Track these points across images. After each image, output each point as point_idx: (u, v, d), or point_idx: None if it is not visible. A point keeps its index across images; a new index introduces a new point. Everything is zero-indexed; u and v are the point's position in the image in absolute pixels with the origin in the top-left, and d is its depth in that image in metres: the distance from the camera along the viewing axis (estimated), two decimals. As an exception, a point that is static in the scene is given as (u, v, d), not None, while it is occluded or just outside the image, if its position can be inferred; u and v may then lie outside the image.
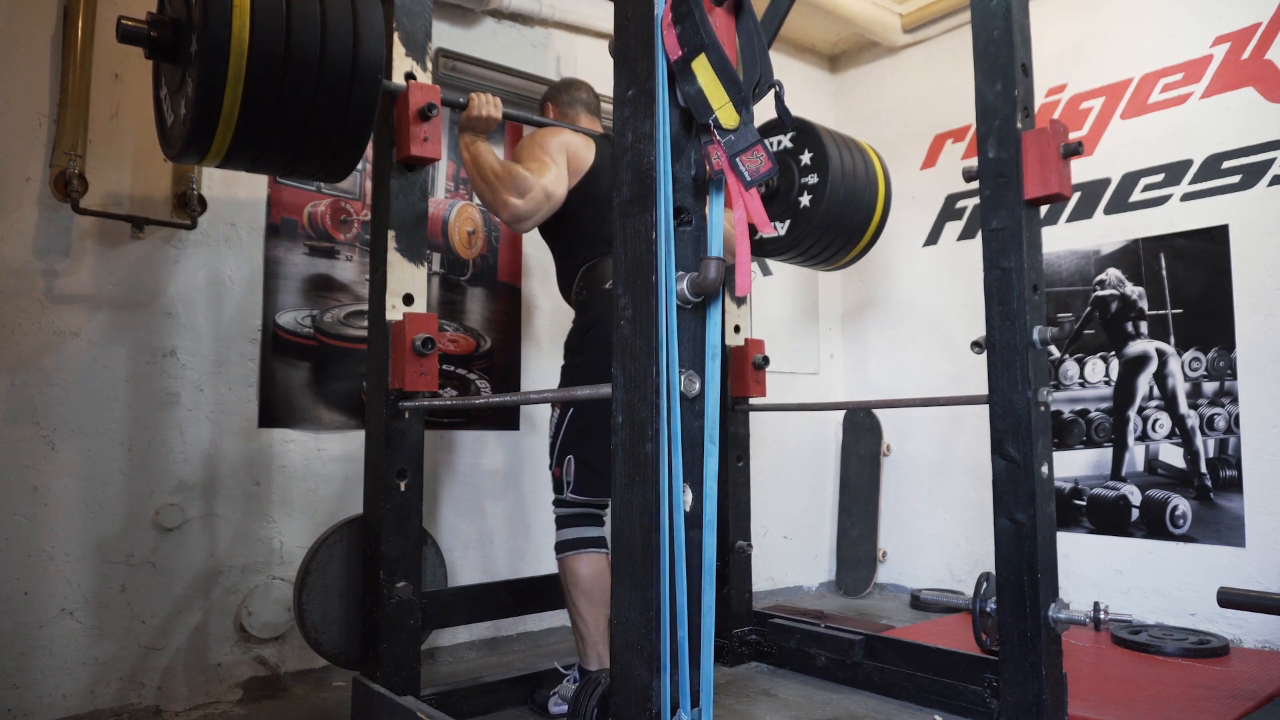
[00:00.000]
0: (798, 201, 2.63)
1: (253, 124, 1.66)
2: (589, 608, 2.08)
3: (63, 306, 2.17)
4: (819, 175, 2.58)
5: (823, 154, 2.58)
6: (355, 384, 2.63)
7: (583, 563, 2.09)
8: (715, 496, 1.20)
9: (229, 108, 1.61)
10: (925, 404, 2.39)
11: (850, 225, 2.66)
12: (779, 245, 2.71)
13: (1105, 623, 1.70)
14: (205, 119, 1.62)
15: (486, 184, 2.08)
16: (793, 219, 2.65)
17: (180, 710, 2.27)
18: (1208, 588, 2.90)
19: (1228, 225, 2.97)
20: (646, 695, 1.14)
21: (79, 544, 2.16)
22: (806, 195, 2.61)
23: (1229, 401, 2.94)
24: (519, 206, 2.06)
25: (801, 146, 2.65)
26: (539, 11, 3.09)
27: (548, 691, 2.20)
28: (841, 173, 2.58)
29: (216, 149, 1.69)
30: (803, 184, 2.63)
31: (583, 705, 1.91)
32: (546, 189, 2.08)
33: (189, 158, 1.73)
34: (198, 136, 1.64)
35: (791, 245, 2.68)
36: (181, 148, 1.69)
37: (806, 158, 2.62)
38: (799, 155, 2.65)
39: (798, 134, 2.67)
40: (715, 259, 1.16)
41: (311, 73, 1.66)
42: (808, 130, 2.64)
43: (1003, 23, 1.86)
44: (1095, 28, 3.38)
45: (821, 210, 2.57)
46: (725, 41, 1.19)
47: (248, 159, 1.76)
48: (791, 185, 2.65)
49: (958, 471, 3.70)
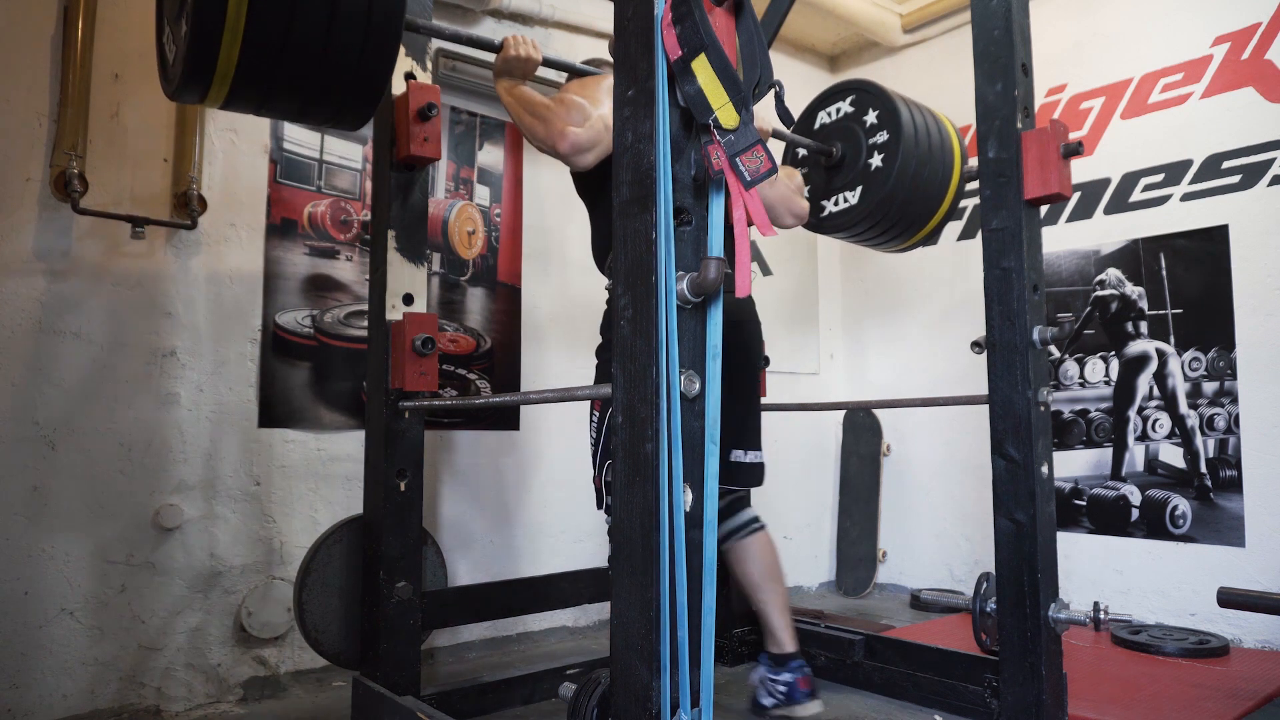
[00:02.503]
0: (868, 164, 2.45)
1: (258, 52, 1.48)
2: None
3: (63, 306, 2.17)
4: (889, 131, 2.41)
5: (891, 108, 2.41)
6: (355, 384, 2.63)
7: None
8: (715, 496, 1.20)
9: (232, 24, 1.43)
10: (925, 404, 2.39)
11: (928, 185, 2.44)
12: (850, 217, 2.51)
13: (1105, 623, 1.70)
14: (204, 43, 1.44)
15: (538, 118, 1.89)
16: (864, 184, 2.47)
17: (180, 710, 2.27)
18: (1208, 588, 2.90)
19: (1228, 225, 2.97)
20: (646, 695, 1.14)
21: (79, 544, 2.16)
22: (878, 155, 2.43)
23: (1229, 401, 2.94)
24: (579, 135, 1.86)
25: (864, 107, 2.49)
26: (539, 11, 3.09)
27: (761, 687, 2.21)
28: (914, 124, 2.40)
29: (219, 82, 1.51)
30: (870, 144, 2.45)
31: (582, 705, 1.91)
32: (605, 120, 1.89)
33: (189, 93, 1.56)
34: (197, 65, 1.47)
35: (865, 216, 2.46)
36: (180, 81, 1.53)
37: (872, 117, 2.46)
38: (862, 117, 2.49)
39: (857, 95, 2.52)
40: (715, 259, 1.16)
41: (324, 11, 1.50)
42: (867, 89, 2.50)
43: (1003, 23, 1.86)
44: (1095, 28, 3.38)
45: (897, 166, 2.35)
46: (725, 41, 1.19)
47: (254, 96, 1.58)
48: (858, 150, 2.48)
49: (958, 471, 3.70)
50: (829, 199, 2.60)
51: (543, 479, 3.08)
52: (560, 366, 3.17)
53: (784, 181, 2.29)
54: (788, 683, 2.08)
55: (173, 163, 2.34)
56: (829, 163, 2.58)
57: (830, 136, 2.62)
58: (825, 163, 2.60)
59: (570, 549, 3.12)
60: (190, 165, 2.32)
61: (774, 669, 2.11)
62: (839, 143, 2.57)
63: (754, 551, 2.14)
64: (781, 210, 2.29)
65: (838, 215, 2.54)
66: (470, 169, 2.98)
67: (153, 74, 2.32)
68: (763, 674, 2.15)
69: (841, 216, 2.53)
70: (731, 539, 2.16)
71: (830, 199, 2.60)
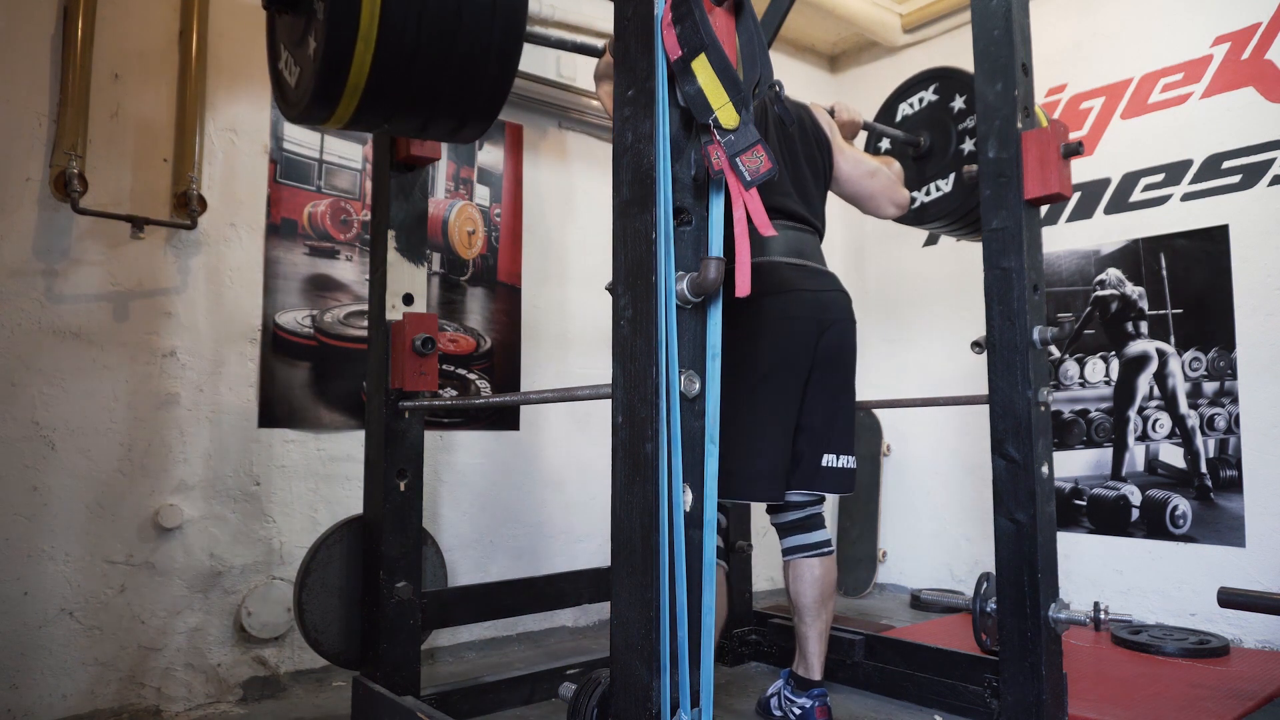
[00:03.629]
0: (960, 151, 2.39)
1: (389, 64, 1.45)
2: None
3: (63, 306, 2.17)
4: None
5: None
6: (355, 384, 2.63)
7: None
8: (715, 496, 1.20)
9: (365, 34, 1.40)
10: (925, 404, 2.39)
11: None
12: (943, 207, 2.44)
13: (1105, 623, 1.69)
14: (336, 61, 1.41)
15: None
16: (957, 171, 2.41)
17: (180, 710, 2.27)
18: (1208, 588, 2.90)
19: (1228, 225, 2.97)
20: (646, 695, 1.14)
21: (79, 544, 2.16)
22: (969, 140, 2.36)
23: (1229, 401, 2.94)
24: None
25: (950, 93, 2.44)
26: (539, 11, 3.09)
27: (766, 695, 2.20)
28: None
29: (347, 99, 1.48)
30: (961, 130, 2.38)
31: (582, 705, 1.91)
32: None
33: (316, 115, 1.53)
34: (327, 84, 1.44)
35: (960, 204, 2.39)
36: (308, 103, 1.50)
37: (959, 102, 2.40)
38: (949, 104, 2.43)
39: (941, 82, 2.46)
40: (715, 259, 1.16)
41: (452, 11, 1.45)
42: (950, 75, 2.44)
43: (1003, 23, 1.86)
44: (1095, 28, 3.38)
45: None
46: (725, 41, 1.19)
47: (380, 114, 1.55)
48: (948, 138, 2.43)
49: (958, 471, 3.70)
50: (920, 189, 2.55)
51: (543, 479, 3.08)
52: (560, 366, 3.17)
53: (884, 171, 2.25)
54: (805, 708, 2.04)
55: (173, 163, 2.34)
56: (917, 153, 2.53)
57: (916, 128, 2.56)
58: (913, 153, 2.55)
59: (570, 549, 3.12)
60: (190, 165, 2.32)
61: (796, 690, 2.08)
62: (926, 132, 2.52)
63: (817, 574, 2.05)
64: (884, 200, 2.24)
65: (932, 205, 2.48)
66: (470, 169, 2.98)
67: (153, 74, 2.33)
68: (782, 688, 2.13)
69: (936, 206, 2.48)
70: (798, 555, 2.07)
71: (922, 189, 2.54)
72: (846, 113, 2.39)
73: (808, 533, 2.08)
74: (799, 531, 2.08)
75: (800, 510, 2.09)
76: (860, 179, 2.23)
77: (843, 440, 2.10)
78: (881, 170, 2.25)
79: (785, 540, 2.10)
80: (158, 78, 2.34)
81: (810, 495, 2.09)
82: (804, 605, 2.06)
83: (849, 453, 2.10)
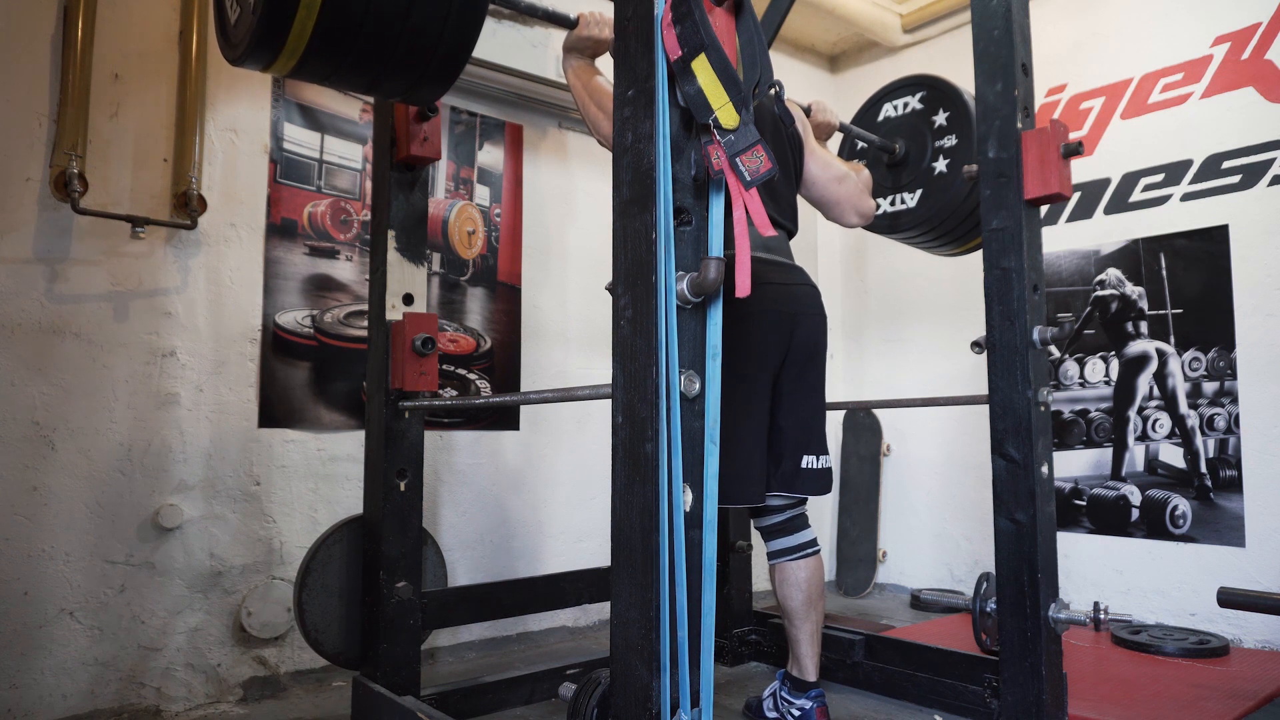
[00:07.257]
0: (931, 168, 2.37)
1: (331, 38, 1.39)
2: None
3: (63, 306, 2.17)
4: (958, 136, 2.31)
5: (963, 112, 2.29)
6: (355, 384, 2.63)
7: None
8: (715, 496, 1.20)
9: (304, 16, 1.33)
10: (925, 404, 2.39)
11: None
12: (904, 220, 2.41)
13: (1105, 623, 1.69)
14: (273, 24, 1.34)
15: (605, 113, 1.88)
16: (924, 188, 2.38)
17: (180, 710, 2.27)
18: (1208, 588, 2.90)
19: (1228, 225, 2.97)
20: (646, 695, 1.14)
21: (79, 544, 2.16)
22: (943, 160, 2.34)
23: (1229, 401, 2.94)
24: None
25: (934, 106, 2.39)
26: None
27: (758, 696, 2.18)
28: None
29: (292, 46, 1.39)
30: (937, 147, 2.36)
31: (582, 705, 1.91)
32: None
33: (256, 58, 1.44)
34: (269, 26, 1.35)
35: (923, 220, 2.38)
36: (247, 46, 1.41)
37: (941, 118, 2.37)
38: (931, 117, 2.39)
39: (928, 92, 2.42)
40: (715, 259, 1.16)
41: None
42: (940, 87, 2.39)
43: (1003, 23, 1.86)
44: (1095, 28, 3.38)
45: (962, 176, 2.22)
46: (725, 41, 1.19)
47: (327, 63, 1.46)
48: (923, 150, 2.39)
49: (958, 471, 3.70)
50: (884, 198, 2.50)
51: (542, 479, 3.08)
52: (560, 366, 3.17)
53: (853, 177, 2.18)
54: (804, 709, 2.01)
55: (173, 163, 2.34)
56: (890, 160, 2.48)
57: (895, 132, 2.51)
58: (887, 160, 2.50)
59: (570, 549, 3.12)
60: (190, 165, 2.32)
61: (793, 692, 2.05)
62: (903, 140, 2.46)
63: (803, 576, 2.01)
64: (848, 208, 2.18)
65: (891, 216, 2.45)
66: (470, 169, 2.98)
67: (153, 74, 2.33)
68: (778, 690, 2.11)
69: (894, 218, 2.45)
70: (784, 558, 2.03)
71: (886, 198, 2.50)
72: (823, 114, 2.33)
73: (792, 535, 2.06)
74: (783, 535, 2.06)
75: (781, 513, 2.06)
76: (827, 183, 2.16)
77: (819, 441, 2.07)
78: (850, 176, 2.17)
79: (770, 544, 2.07)
80: (158, 78, 2.34)
81: (791, 498, 2.06)
82: (792, 609, 2.03)
83: (825, 452, 2.08)
